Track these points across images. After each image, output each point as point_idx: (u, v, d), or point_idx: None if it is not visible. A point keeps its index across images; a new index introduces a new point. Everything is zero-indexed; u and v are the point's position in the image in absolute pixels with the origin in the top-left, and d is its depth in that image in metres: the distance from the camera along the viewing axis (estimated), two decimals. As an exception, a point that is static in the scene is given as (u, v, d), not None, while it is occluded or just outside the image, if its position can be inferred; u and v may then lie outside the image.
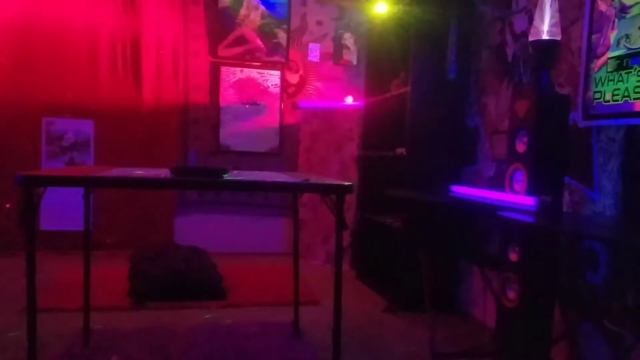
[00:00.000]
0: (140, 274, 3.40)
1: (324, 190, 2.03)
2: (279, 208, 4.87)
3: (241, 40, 4.76)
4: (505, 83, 3.07)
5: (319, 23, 4.94)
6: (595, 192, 2.31)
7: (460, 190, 2.81)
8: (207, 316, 3.11)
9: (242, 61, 4.79)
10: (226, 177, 1.98)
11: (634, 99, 2.06)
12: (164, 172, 2.12)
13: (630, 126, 2.11)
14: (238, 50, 4.76)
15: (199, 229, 4.68)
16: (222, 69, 4.77)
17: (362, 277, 4.17)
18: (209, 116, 4.78)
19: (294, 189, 2.39)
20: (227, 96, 4.79)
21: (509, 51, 3.04)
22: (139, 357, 2.49)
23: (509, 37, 3.05)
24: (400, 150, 3.56)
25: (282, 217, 4.86)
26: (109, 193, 4.48)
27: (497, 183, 3.02)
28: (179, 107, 4.71)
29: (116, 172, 2.18)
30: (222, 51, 4.74)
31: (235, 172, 2.38)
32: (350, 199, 4.41)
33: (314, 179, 2.23)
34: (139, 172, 2.16)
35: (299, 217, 3.03)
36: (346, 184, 1.99)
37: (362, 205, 4.31)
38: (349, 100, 4.70)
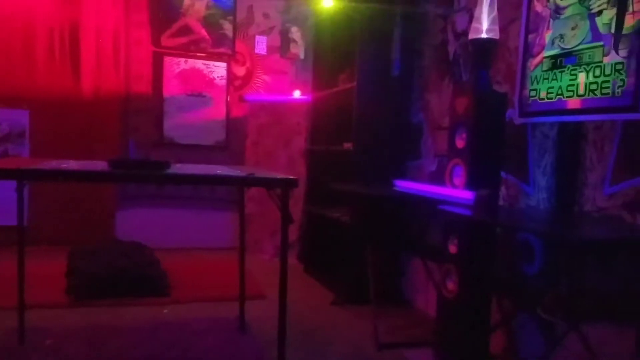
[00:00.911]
0: (78, 271, 3.28)
1: (269, 184, 2.02)
2: (225, 202, 4.81)
3: (185, 31, 4.65)
4: (447, 80, 3.15)
5: (266, 15, 4.89)
6: (530, 186, 2.41)
7: (404, 184, 2.87)
8: (150, 313, 3.04)
9: (186, 52, 4.68)
10: (167, 170, 1.93)
11: (567, 96, 2.17)
12: (101, 165, 2.04)
13: (563, 123, 2.22)
14: (182, 40, 4.65)
15: (141, 224, 4.55)
16: (165, 59, 4.64)
17: (309, 271, 4.19)
18: (152, 107, 4.65)
19: (238, 183, 2.36)
20: (171, 87, 4.67)
21: (451, 49, 3.12)
22: (77, 356, 2.40)
23: (450, 36, 3.13)
24: (347, 145, 3.59)
25: (229, 211, 4.80)
26: (45, 186, 4.28)
27: (438, 178, 3.10)
28: (120, 97, 4.55)
29: (51, 164, 2.09)
30: (166, 41, 4.62)
31: (178, 165, 2.33)
32: (298, 193, 4.42)
33: (259, 173, 2.22)
34: (74, 165, 2.07)
35: (246, 212, 3.00)
36: (291, 177, 1.99)
37: (310, 199, 4.32)
38: (297, 94, 4.70)
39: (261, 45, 4.87)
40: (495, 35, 2.27)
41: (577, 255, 1.98)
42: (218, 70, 4.77)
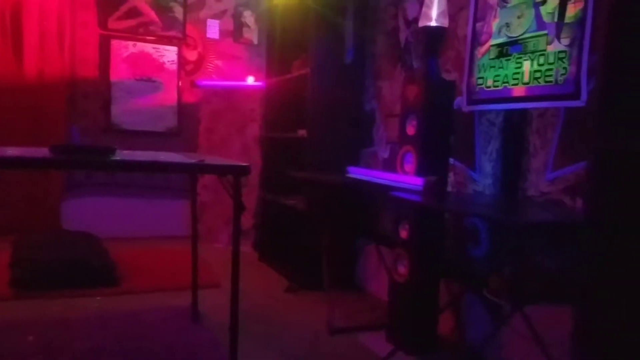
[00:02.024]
0: (23, 262, 3.16)
1: (220, 171, 1.99)
2: (179, 190, 4.71)
3: (134, 13, 4.50)
4: (399, 68, 3.18)
5: (218, -1, 4.79)
6: (477, 172, 2.47)
7: (357, 171, 2.89)
8: (98, 302, 2.97)
9: (135, 35, 4.53)
10: (112, 156, 1.86)
11: (512, 84, 2.22)
12: (43, 151, 1.96)
13: (508, 111, 2.28)
14: (130, 23, 4.50)
15: (90, 213, 4.41)
16: (113, 42, 4.48)
17: (264, 259, 4.17)
18: (99, 92, 4.49)
19: (187, 170, 2.32)
20: (119, 71, 4.52)
21: (402, 37, 3.14)
22: (24, 349, 2.32)
23: (401, 23, 3.15)
24: (302, 132, 3.58)
25: (183, 199, 4.72)
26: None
27: (391, 164, 3.14)
28: (65, 81, 4.37)
29: (-13, 152, 1.98)
30: (113, 23, 4.45)
31: (126, 151, 2.26)
32: (253, 181, 4.38)
33: (211, 160, 2.18)
34: (15, 151, 1.98)
35: (200, 200, 2.96)
36: (243, 164, 1.96)
37: (265, 186, 4.30)
38: (251, 80, 4.63)
39: (213, 29, 4.76)
40: (445, 23, 2.30)
41: (520, 238, 2.05)
42: (168, 54, 4.64)
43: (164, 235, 4.58)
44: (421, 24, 2.35)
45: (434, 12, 2.28)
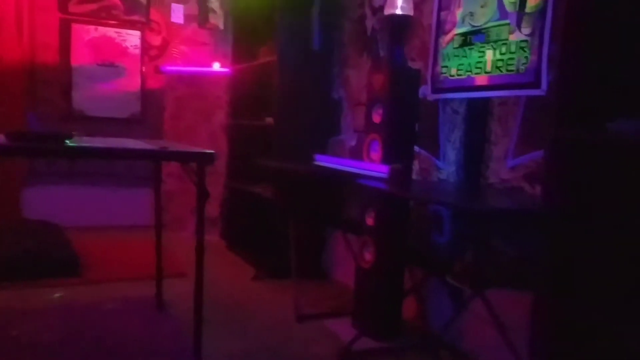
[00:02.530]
0: (-21, 253, 3.06)
1: (183, 158, 1.96)
2: (144, 179, 4.62)
3: (95, -4, 4.37)
4: (365, 56, 3.18)
5: (182, -18, 4.69)
6: (441, 160, 2.50)
7: (324, 159, 2.89)
8: (59, 295, 2.90)
9: (96, 19, 4.40)
10: (68, 143, 1.81)
11: (475, 73, 2.25)
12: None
13: (471, 99, 2.31)
14: (91, 6, 4.36)
15: (51, 202, 4.29)
16: (73, 27, 4.34)
17: (232, 248, 4.15)
18: (60, 78, 4.35)
19: (148, 157, 2.28)
20: (80, 56, 4.38)
21: (368, 24, 3.14)
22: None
23: (368, 11, 3.15)
24: (269, 120, 3.56)
25: (148, 188, 4.62)
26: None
27: (358, 152, 3.15)
28: (24, 67, 4.21)
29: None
30: (74, 7, 4.31)
31: (85, 138, 2.20)
32: (220, 169, 4.34)
33: (175, 147, 2.14)
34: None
35: (166, 188, 2.91)
36: (207, 151, 1.93)
37: (232, 174, 4.26)
38: (217, 66, 4.56)
39: (177, 13, 4.66)
40: (410, 11, 2.31)
41: (481, 225, 2.09)
42: (131, 39, 4.52)
43: (129, 224, 4.50)
44: (387, 12, 2.35)
45: (400, 1, 2.29)
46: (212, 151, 1.94)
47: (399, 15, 2.31)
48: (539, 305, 1.61)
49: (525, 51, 2.00)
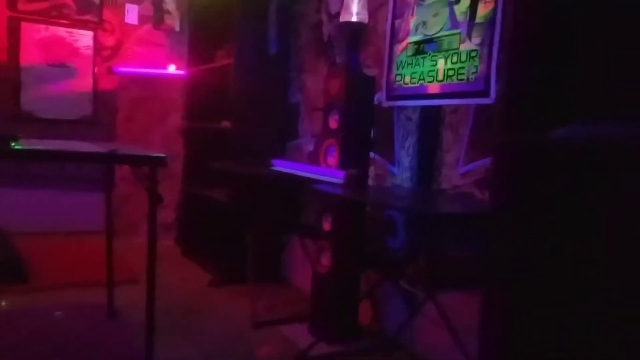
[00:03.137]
0: None
1: (134, 161, 1.92)
2: (96, 182, 4.49)
3: (46, -6, 4.24)
4: (322, 61, 3.20)
5: (137, -17, 4.60)
6: (396, 166, 2.55)
7: (281, 164, 2.90)
8: (3, 303, 2.78)
9: (47, 18, 4.26)
10: (12, 145, 1.74)
11: (428, 81, 2.30)
12: None
13: (424, 107, 2.36)
14: (42, 5, 4.22)
15: (-3, 206, 4.12)
16: (23, 25, 4.19)
17: (187, 253, 4.09)
18: (8, 78, 4.18)
19: (97, 160, 2.21)
20: (30, 56, 4.23)
21: (325, 30, 3.17)
22: None
23: (325, 17, 3.17)
24: (226, 123, 3.53)
25: (100, 191, 4.49)
26: None
27: (315, 157, 3.16)
28: (-32, 66, 4.04)
29: None
30: (23, 5, 4.16)
31: (33, 140, 2.12)
32: (176, 173, 4.27)
33: (126, 150, 2.09)
34: None
35: (119, 192, 2.84)
36: (159, 155, 1.89)
37: (188, 178, 4.20)
38: (172, 68, 4.49)
39: (132, 14, 4.56)
40: (365, 19, 2.34)
41: (433, 229, 2.14)
42: (84, 39, 4.40)
43: (80, 229, 4.35)
44: (342, 18, 2.37)
45: (355, 8, 2.32)
46: (164, 154, 1.91)
47: (354, 23, 2.34)
48: (487, 305, 1.65)
49: (475, 60, 2.06)
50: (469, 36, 2.08)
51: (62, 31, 4.32)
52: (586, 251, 1.47)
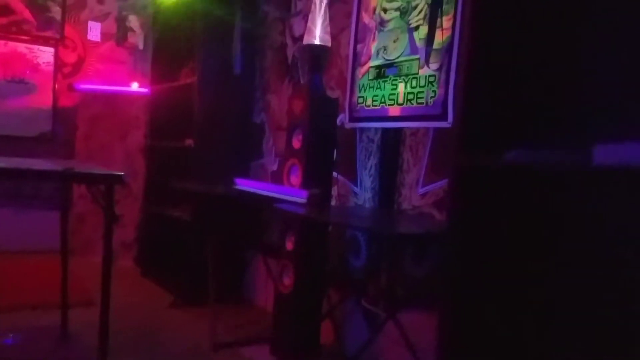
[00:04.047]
0: None
1: (90, 179, 1.89)
2: (53, 201, 4.38)
3: (5, 10, 4.14)
4: (286, 82, 3.24)
5: (100, 1, 4.55)
6: (358, 186, 2.58)
7: (244, 183, 2.89)
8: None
9: (6, 33, 4.17)
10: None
11: (389, 104, 2.36)
12: None
13: (385, 129, 2.41)
14: (1, 20, 4.14)
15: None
16: (-20, 40, 4.10)
17: (147, 274, 4.00)
18: (-37, 93, 4.07)
19: (53, 178, 2.17)
20: (-13, 71, 4.14)
21: (289, 52, 3.21)
22: None
23: (289, 39, 3.22)
24: (189, 142, 3.50)
25: (56, 210, 4.38)
26: None
27: (279, 177, 3.17)
28: None
29: None
30: (-19, 19, 4.08)
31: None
32: (137, 191, 4.20)
33: (83, 168, 2.06)
34: None
35: (76, 210, 2.77)
36: (115, 173, 1.87)
37: (149, 197, 4.13)
38: (135, 86, 4.45)
39: (94, 31, 4.51)
40: (327, 42, 2.39)
41: (392, 248, 2.17)
42: (44, 55, 4.32)
43: (35, 248, 4.21)
44: (305, 41, 2.42)
45: (318, 31, 2.36)
46: (121, 172, 1.88)
47: (317, 46, 2.39)
48: (443, 324, 1.68)
49: (433, 85, 2.13)
50: (427, 62, 2.15)
51: (22, 47, 4.25)
52: (539, 269, 1.53)
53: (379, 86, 2.41)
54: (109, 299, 1.89)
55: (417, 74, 2.20)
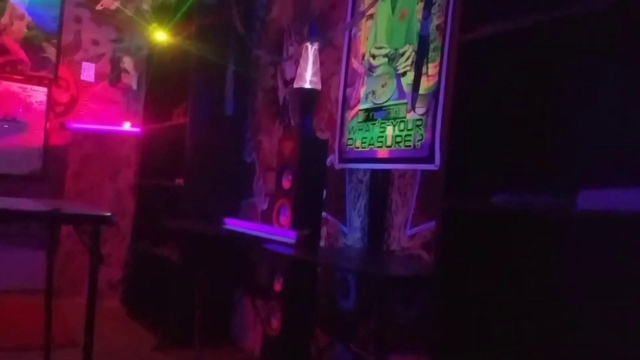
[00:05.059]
0: None
1: (76, 220, 1.88)
2: (39, 239, 4.33)
3: (1, 50, 4.20)
4: (277, 123, 3.29)
5: (95, 42, 4.64)
6: (347, 226, 2.59)
7: (234, 222, 2.89)
8: None
9: (0, 73, 4.22)
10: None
11: (377, 146, 2.40)
12: None
13: (374, 170, 2.44)
14: (-4, 60, 4.20)
15: None
16: (-26, 79, 4.14)
17: (133, 315, 3.93)
18: (-47, 131, 4.07)
19: (39, 219, 2.16)
20: (-21, 110, 4.15)
21: (280, 95, 3.27)
22: None
23: (280, 82, 3.29)
24: (179, 181, 3.51)
25: (44, 249, 4.32)
26: None
27: (269, 216, 3.18)
28: None
29: None
30: (-25, 59, 4.13)
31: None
32: (125, 230, 4.17)
33: (70, 208, 2.05)
34: None
35: (62, 249, 2.75)
36: (103, 213, 1.87)
37: (137, 236, 4.10)
38: (127, 125, 4.49)
39: (88, 72, 4.58)
40: (317, 86, 2.45)
41: (381, 290, 2.16)
42: (37, 94, 4.36)
43: (21, 288, 4.14)
44: (296, 85, 2.48)
45: (308, 75, 2.43)
46: (108, 213, 1.88)
47: (307, 89, 2.45)
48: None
49: (420, 129, 2.18)
50: (413, 107, 2.20)
51: (15, 86, 4.29)
52: (525, 311, 1.53)
53: (367, 129, 2.46)
54: (93, 341, 1.86)
55: (405, 117, 2.25)
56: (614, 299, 1.37)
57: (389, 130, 2.32)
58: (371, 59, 2.49)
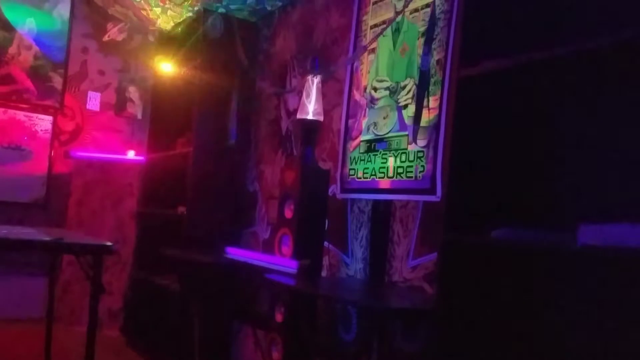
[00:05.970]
0: None
1: (78, 250, 1.89)
2: (40, 267, 4.32)
3: (7, 79, 4.27)
4: (280, 153, 3.32)
5: (101, 72, 4.71)
6: (349, 256, 2.59)
7: (235, 252, 2.89)
8: None
9: (6, 101, 4.28)
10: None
11: (379, 177, 2.42)
12: None
13: (375, 201, 2.46)
14: (2, 89, 4.26)
15: None
16: (-20, 108, 4.20)
17: (133, 344, 3.89)
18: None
19: (40, 249, 2.17)
20: (-16, 137, 4.20)
21: (283, 125, 3.31)
22: None
23: (283, 113, 3.33)
24: (181, 209, 3.52)
25: (44, 277, 4.31)
26: None
27: (270, 245, 3.18)
28: None
29: None
30: (-19, 88, 4.19)
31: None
32: (126, 258, 4.16)
33: (72, 237, 2.06)
34: None
35: (63, 277, 2.74)
36: (104, 243, 1.88)
37: (138, 264, 4.08)
38: (131, 154, 4.53)
39: (94, 101, 4.64)
40: (320, 117, 2.48)
41: (382, 323, 2.15)
42: (42, 123, 4.41)
43: (22, 316, 4.11)
44: (299, 116, 2.51)
45: (311, 107, 2.46)
46: (110, 243, 1.89)
47: (310, 120, 2.48)
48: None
49: (422, 160, 2.20)
50: (414, 140, 2.23)
51: (20, 115, 4.35)
52: (526, 345, 1.53)
53: (369, 159, 2.48)
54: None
55: (406, 149, 2.28)
56: (616, 334, 1.36)
57: (391, 162, 2.34)
58: (373, 92, 2.53)
